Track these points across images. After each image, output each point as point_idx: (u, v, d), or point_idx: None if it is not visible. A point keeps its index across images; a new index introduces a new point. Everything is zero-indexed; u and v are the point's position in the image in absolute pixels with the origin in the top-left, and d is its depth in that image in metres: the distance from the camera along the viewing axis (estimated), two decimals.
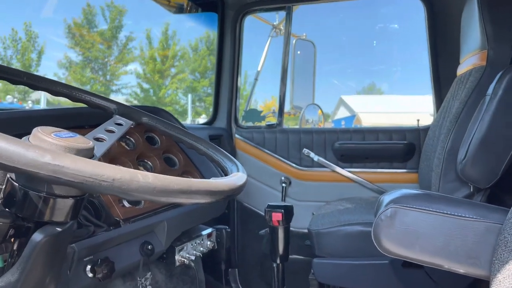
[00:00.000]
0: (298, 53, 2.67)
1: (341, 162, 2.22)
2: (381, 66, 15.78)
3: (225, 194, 0.66)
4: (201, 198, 0.62)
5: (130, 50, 16.30)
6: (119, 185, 0.52)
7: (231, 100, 2.38)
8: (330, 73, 14.09)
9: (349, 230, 1.58)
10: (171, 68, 16.88)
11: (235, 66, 2.36)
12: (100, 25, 15.04)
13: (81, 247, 1.07)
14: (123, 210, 1.25)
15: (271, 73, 2.70)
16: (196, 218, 1.44)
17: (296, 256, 2.26)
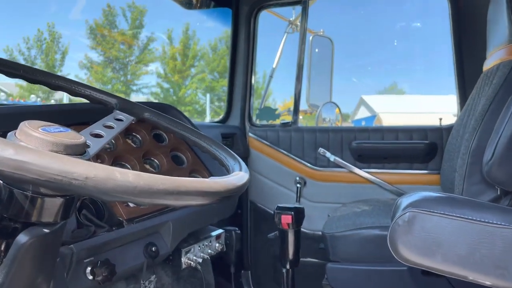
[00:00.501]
0: (315, 50, 2.59)
1: (358, 162, 2.13)
2: (403, 65, 15.47)
3: (220, 196, 0.59)
4: (192, 200, 0.55)
5: (151, 50, 16.45)
6: (93, 184, 0.46)
7: (244, 98, 2.32)
8: (349, 71, 13.82)
9: (365, 234, 1.49)
10: (191, 68, 16.96)
11: (249, 63, 2.30)
12: (121, 25, 15.21)
13: (81, 248, 1.02)
14: (126, 210, 1.20)
15: (287, 71, 2.63)
16: (204, 219, 1.38)
17: (309, 259, 2.18)
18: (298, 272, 2.24)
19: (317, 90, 2.74)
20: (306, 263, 2.19)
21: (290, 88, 2.30)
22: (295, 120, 2.28)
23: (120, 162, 1.30)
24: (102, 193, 0.47)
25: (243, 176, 0.70)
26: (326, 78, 2.76)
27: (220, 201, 0.61)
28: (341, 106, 2.89)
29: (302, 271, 2.21)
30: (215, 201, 0.59)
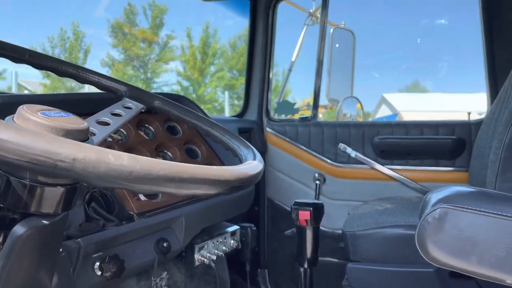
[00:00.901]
0: (336, 43, 2.51)
1: (380, 159, 2.04)
2: (426, 62, 15.09)
3: (229, 185, 0.53)
4: (197, 189, 0.49)
5: (171, 48, 16.54)
6: (82, 167, 0.40)
7: (262, 92, 2.25)
8: (369, 68, 13.46)
9: (388, 233, 1.41)
10: (210, 66, 16.99)
11: (267, 56, 2.23)
12: (142, 23, 15.34)
13: (88, 243, 0.98)
14: (137, 204, 1.15)
15: (307, 64, 2.55)
16: (218, 215, 1.33)
17: (328, 259, 2.10)
18: (317, 272, 2.17)
19: (337, 84, 2.65)
20: (325, 262, 2.11)
21: (310, 85, 2.23)
22: (314, 114, 2.20)
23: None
24: (92, 178, 0.41)
25: (257, 166, 0.64)
26: (347, 72, 2.67)
27: (230, 191, 0.54)
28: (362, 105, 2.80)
29: (320, 271, 2.14)
30: (224, 191, 0.53)
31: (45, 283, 0.72)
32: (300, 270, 1.19)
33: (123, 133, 1.29)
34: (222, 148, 1.49)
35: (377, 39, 12.96)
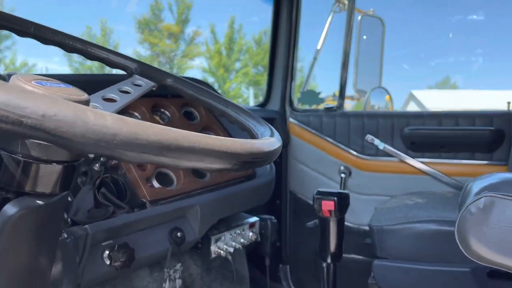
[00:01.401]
0: (364, 31, 2.39)
1: (411, 151, 1.92)
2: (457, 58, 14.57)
3: (239, 160, 0.45)
4: (199, 161, 0.42)
5: (197, 44, 16.60)
6: (53, 126, 0.33)
7: (285, 81, 2.16)
8: (398, 59, 12.90)
9: (419, 229, 1.30)
10: (235, 62, 16.97)
11: (291, 43, 2.14)
12: (167, 19, 15.44)
13: (97, 230, 0.92)
14: (150, 191, 1.09)
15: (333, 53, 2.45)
16: (236, 205, 1.25)
17: (353, 256, 2.00)
18: (341, 269, 2.06)
19: (365, 74, 2.53)
20: (349, 259, 2.01)
21: (337, 77, 2.13)
22: (340, 104, 2.10)
23: None
24: (67, 140, 0.34)
25: (273, 143, 0.56)
26: (375, 62, 2.55)
27: (239, 167, 0.47)
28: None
29: (345, 268, 2.04)
30: (232, 167, 0.45)
31: (43, 270, 0.67)
32: (323, 265, 1.10)
33: (137, 117, 1.23)
34: (241, 135, 1.42)
35: (407, 30, 12.35)
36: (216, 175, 1.24)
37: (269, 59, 2.17)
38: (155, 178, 1.14)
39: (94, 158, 1.06)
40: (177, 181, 1.17)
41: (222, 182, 1.25)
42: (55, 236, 0.68)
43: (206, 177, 1.24)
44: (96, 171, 1.04)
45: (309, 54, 2.40)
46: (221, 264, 1.42)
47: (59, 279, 0.82)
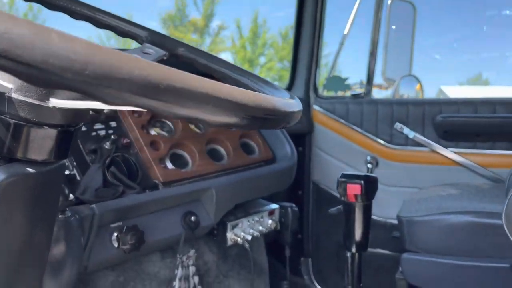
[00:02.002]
0: (393, 14, 2.26)
1: (443, 140, 1.80)
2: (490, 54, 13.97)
3: (247, 113, 0.38)
4: (196, 109, 0.34)
5: (222, 39, 16.59)
6: (6, 45, 0.26)
7: (310, 66, 2.07)
8: (427, 49, 12.13)
9: (453, 220, 1.20)
10: (260, 57, 16.88)
11: (317, 26, 2.04)
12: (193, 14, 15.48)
13: (104, 210, 0.87)
14: (164, 172, 1.03)
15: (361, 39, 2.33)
16: (254, 190, 1.18)
17: (380, 250, 1.90)
18: (367, 264, 1.96)
19: (394, 61, 2.41)
20: (376, 254, 1.91)
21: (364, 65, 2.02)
22: (368, 91, 1.99)
23: (159, 119, 1.13)
24: (22, 65, 0.27)
25: (291, 104, 0.48)
26: (405, 48, 2.41)
27: (248, 123, 0.39)
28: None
29: (371, 262, 1.94)
30: (238, 121, 0.38)
31: (40, 248, 0.61)
32: (347, 255, 1.01)
33: None
34: None
35: (439, 18, 11.65)
36: (234, 159, 1.17)
37: (294, 43, 2.08)
38: (169, 159, 1.08)
39: (104, 136, 1.01)
40: (192, 163, 1.11)
41: (241, 165, 1.18)
42: (52, 211, 0.62)
43: (224, 160, 1.18)
44: (106, 150, 0.99)
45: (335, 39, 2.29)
46: (239, 253, 1.35)
47: (61, 260, 0.77)
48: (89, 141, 0.97)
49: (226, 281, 1.28)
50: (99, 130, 1.01)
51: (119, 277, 1.01)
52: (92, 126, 1.01)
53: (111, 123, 1.04)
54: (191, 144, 1.11)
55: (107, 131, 1.02)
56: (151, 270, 1.05)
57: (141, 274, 1.03)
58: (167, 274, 1.07)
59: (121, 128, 1.05)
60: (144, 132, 1.06)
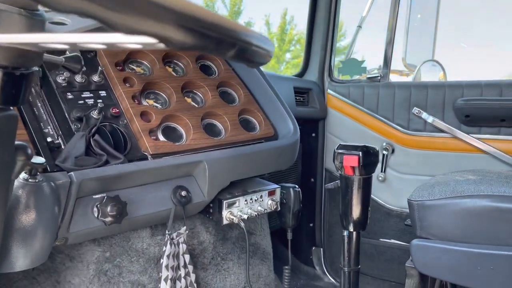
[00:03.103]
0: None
1: (465, 126, 1.68)
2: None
3: (198, 26, 0.32)
4: (133, 17, 0.28)
5: None
6: None
7: (325, 48, 1.98)
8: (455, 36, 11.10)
9: (469, 205, 1.10)
10: (286, 53, 16.75)
11: (332, 7, 1.95)
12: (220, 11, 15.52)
13: (83, 178, 0.82)
14: (154, 144, 0.98)
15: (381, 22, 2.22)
16: (252, 167, 1.12)
17: (393, 241, 1.80)
18: (380, 255, 1.89)
19: (416, 45, 2.29)
20: (389, 245, 1.82)
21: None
22: (385, 73, 1.89)
23: (153, 90, 1.08)
24: None
25: (259, 38, 0.42)
26: (428, 31, 2.29)
27: (199, 43, 0.32)
28: None
29: (384, 253, 1.85)
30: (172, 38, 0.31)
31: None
32: (343, 234, 0.93)
33: (146, 66, 1.12)
34: (263, 94, 1.28)
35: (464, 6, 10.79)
36: (232, 134, 1.11)
37: (308, 26, 2.00)
38: (161, 131, 1.03)
39: (92, 105, 0.96)
40: (187, 137, 1.05)
41: (239, 142, 1.12)
42: (4, 166, 0.57)
43: (221, 135, 1.12)
44: (94, 119, 0.95)
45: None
46: (240, 236, 1.29)
47: (32, 228, 0.73)
48: (76, 109, 0.93)
49: (225, 264, 1.22)
50: (87, 98, 0.97)
51: (105, 252, 0.96)
52: (80, 94, 0.97)
53: (100, 92, 1.00)
54: (185, 117, 1.06)
55: (95, 100, 0.98)
56: (140, 246, 1.01)
57: (129, 251, 0.99)
58: (157, 252, 1.03)
59: (110, 97, 1.01)
60: (135, 102, 1.02)
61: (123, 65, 1.07)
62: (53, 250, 0.96)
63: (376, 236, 1.87)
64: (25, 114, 0.89)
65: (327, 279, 1.98)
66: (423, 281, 1.25)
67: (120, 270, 0.98)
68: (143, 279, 1.01)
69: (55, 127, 0.91)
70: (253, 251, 1.34)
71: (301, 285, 1.95)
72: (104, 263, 0.96)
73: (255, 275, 1.33)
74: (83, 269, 0.96)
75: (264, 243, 1.37)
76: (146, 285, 1.01)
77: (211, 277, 1.18)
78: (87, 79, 0.99)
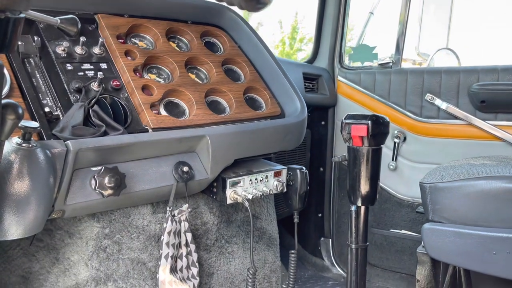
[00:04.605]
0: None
1: (480, 112, 1.62)
2: None
3: None
4: None
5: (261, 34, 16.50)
6: None
7: (335, 34, 1.94)
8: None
9: (485, 186, 1.05)
10: (297, 52, 16.68)
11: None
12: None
13: (80, 147, 0.79)
14: (155, 118, 0.95)
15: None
16: (257, 145, 1.08)
17: (405, 232, 1.75)
18: (390, 245, 1.83)
19: (429, 33, 2.23)
20: (399, 235, 1.76)
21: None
22: (397, 59, 1.84)
23: (155, 65, 1.05)
24: None
25: None
26: (442, 17, 2.23)
27: None
28: None
29: (394, 244, 1.80)
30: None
31: None
32: (351, 209, 0.89)
33: (149, 40, 1.09)
34: (268, 72, 1.24)
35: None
36: (237, 112, 1.07)
37: (318, 9, 1.95)
38: (163, 106, 1.00)
39: (92, 77, 0.94)
40: (189, 112, 1.02)
41: (244, 119, 1.08)
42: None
43: (226, 112, 1.08)
44: (93, 91, 0.92)
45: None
46: (245, 219, 1.25)
47: (25, 196, 0.70)
48: (75, 80, 0.91)
49: (229, 247, 1.19)
50: (87, 70, 0.95)
51: (104, 228, 0.94)
52: (80, 66, 0.94)
53: (101, 64, 0.97)
54: (189, 92, 1.02)
55: (96, 72, 0.95)
56: (140, 223, 0.98)
57: (129, 227, 0.96)
58: (158, 230, 0.99)
59: (111, 70, 0.98)
60: (136, 75, 0.99)
61: (125, 39, 1.04)
62: (51, 226, 0.94)
63: (386, 226, 1.81)
64: (23, 84, 0.87)
65: (336, 271, 1.93)
66: (435, 268, 1.20)
67: (120, 246, 0.95)
68: (143, 256, 0.98)
69: (54, 98, 0.89)
70: (259, 236, 1.31)
71: (309, 276, 1.91)
72: (103, 239, 0.94)
73: (261, 261, 1.29)
74: (82, 246, 0.94)
75: (270, 228, 1.33)
76: (146, 263, 0.98)
77: (215, 259, 1.14)
78: (88, 51, 0.97)
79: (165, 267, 0.91)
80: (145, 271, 0.98)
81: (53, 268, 0.93)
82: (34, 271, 0.93)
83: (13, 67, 0.87)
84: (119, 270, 0.95)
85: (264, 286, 1.29)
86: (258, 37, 1.21)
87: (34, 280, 0.93)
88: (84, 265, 0.93)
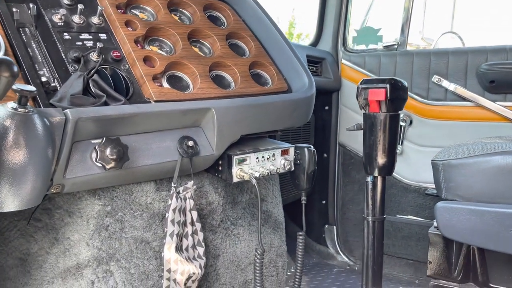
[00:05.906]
0: None
1: (489, 93, 1.59)
2: None
3: None
4: None
5: None
6: None
7: (339, 17, 1.89)
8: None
9: (501, 162, 1.01)
10: None
11: None
12: None
13: (80, 116, 0.75)
14: (158, 90, 0.91)
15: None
16: (264, 121, 1.04)
17: (412, 218, 1.71)
18: (397, 231, 1.79)
19: (434, 17, 2.18)
20: (406, 221, 1.73)
21: None
22: (402, 41, 1.80)
23: (157, 37, 1.00)
24: None
25: None
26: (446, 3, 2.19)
27: None
28: None
29: (401, 230, 1.76)
30: None
31: None
32: (367, 180, 0.85)
33: (150, 12, 1.04)
34: (274, 46, 1.19)
35: None
36: (242, 87, 1.03)
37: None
38: (166, 79, 0.95)
39: (91, 47, 0.89)
40: (193, 86, 0.98)
41: (250, 94, 1.04)
42: None
43: (231, 87, 1.04)
44: (93, 62, 0.87)
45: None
46: (251, 201, 1.21)
47: (20, 164, 0.65)
48: (73, 50, 0.86)
49: (235, 229, 1.14)
50: (86, 40, 0.90)
51: (106, 206, 0.89)
52: (78, 36, 0.89)
53: (100, 35, 0.93)
54: (192, 65, 0.98)
55: (95, 42, 0.90)
56: (143, 201, 0.93)
57: (131, 204, 0.92)
58: (162, 208, 0.95)
59: (111, 41, 0.93)
60: (137, 46, 0.94)
61: (125, 9, 1.00)
62: (50, 205, 0.89)
63: (392, 212, 1.78)
64: (18, 53, 0.82)
65: (341, 258, 1.90)
66: (448, 249, 1.16)
67: (122, 225, 0.91)
68: (147, 235, 0.93)
69: (51, 69, 0.84)
70: (265, 219, 1.26)
71: (314, 264, 1.87)
72: (105, 218, 0.89)
73: (267, 244, 1.25)
74: (82, 225, 0.89)
75: (276, 212, 1.29)
76: (150, 242, 0.94)
77: (220, 241, 1.10)
78: (86, 21, 0.92)
79: (170, 245, 0.86)
80: (149, 250, 0.94)
81: (52, 248, 0.89)
82: (32, 252, 0.88)
83: (8, 34, 0.82)
84: (122, 249, 0.90)
85: (270, 270, 1.25)
86: (263, 11, 1.17)
87: (32, 261, 0.88)
88: (85, 245, 0.88)
